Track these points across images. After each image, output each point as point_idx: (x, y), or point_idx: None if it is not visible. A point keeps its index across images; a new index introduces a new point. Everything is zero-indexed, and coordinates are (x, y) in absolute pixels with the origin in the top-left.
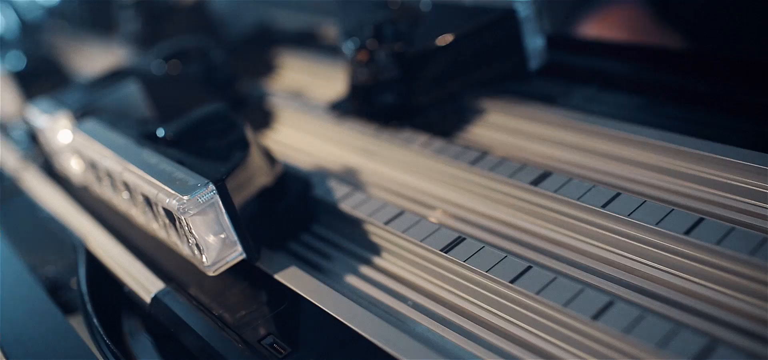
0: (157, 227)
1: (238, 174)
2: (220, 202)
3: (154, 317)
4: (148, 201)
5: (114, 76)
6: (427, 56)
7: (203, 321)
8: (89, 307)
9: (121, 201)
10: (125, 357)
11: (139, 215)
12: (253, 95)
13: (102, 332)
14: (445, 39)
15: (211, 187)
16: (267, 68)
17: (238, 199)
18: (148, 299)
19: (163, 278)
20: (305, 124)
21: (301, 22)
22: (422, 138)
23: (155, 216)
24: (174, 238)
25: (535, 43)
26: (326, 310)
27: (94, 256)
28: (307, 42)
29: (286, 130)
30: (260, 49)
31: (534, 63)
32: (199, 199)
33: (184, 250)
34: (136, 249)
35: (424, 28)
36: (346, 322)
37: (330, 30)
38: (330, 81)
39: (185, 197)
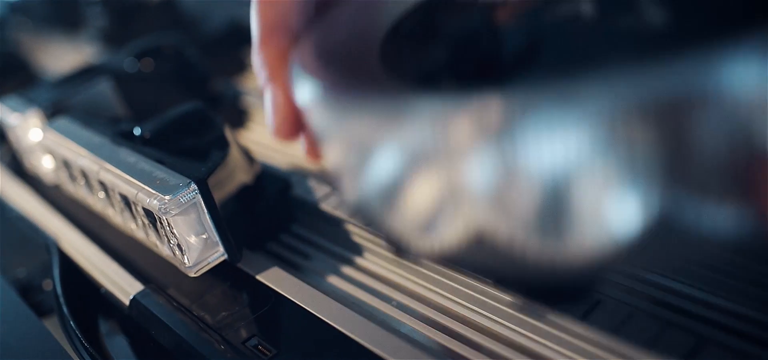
0: (135, 228)
1: (219, 173)
2: (202, 202)
3: (133, 319)
4: (126, 201)
5: (85, 74)
6: None
7: (185, 323)
8: (65, 309)
9: (96, 201)
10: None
11: (115, 216)
12: (227, 94)
13: (80, 335)
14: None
15: (193, 186)
16: (240, 67)
17: (219, 199)
18: (126, 301)
19: (140, 279)
20: None
21: None
22: None
23: (134, 216)
24: (153, 239)
25: None
26: (311, 311)
27: (67, 256)
28: None
29: (261, 129)
30: (233, 48)
31: None
32: (181, 199)
33: (164, 250)
34: (112, 250)
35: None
36: (331, 323)
37: None
38: None
39: (167, 197)
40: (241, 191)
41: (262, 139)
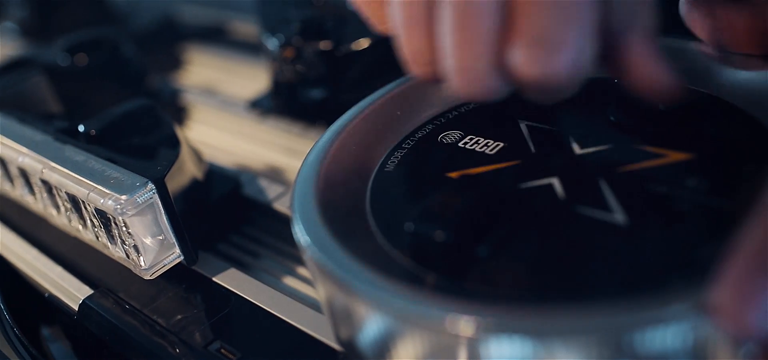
0: (83, 230)
1: (173, 172)
2: (160, 203)
3: (84, 325)
4: (74, 201)
5: (14, 68)
6: (356, 54)
7: (143, 328)
8: (6, 314)
9: (35, 201)
10: None
11: (59, 217)
12: (164, 91)
13: (24, 341)
14: (374, 37)
15: (151, 186)
16: (175, 63)
17: (175, 199)
18: (75, 306)
19: (88, 283)
20: (224, 122)
21: (208, 16)
22: None
23: (82, 217)
24: (104, 241)
25: None
26: (272, 311)
27: (4, 259)
28: (216, 37)
29: (203, 128)
30: (167, 43)
31: None
32: (138, 199)
33: (116, 253)
34: (54, 253)
35: (351, 25)
36: (294, 323)
37: (239, 25)
38: (243, 78)
39: (123, 197)
40: (193, 190)
41: (204, 138)
